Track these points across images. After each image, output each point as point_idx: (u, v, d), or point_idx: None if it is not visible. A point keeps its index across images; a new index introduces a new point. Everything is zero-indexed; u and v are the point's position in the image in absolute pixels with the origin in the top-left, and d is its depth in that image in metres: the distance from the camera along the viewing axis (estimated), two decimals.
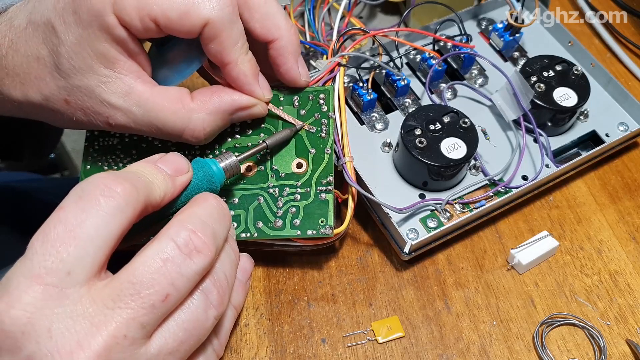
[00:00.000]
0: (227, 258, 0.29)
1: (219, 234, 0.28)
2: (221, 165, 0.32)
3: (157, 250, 0.25)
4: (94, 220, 0.24)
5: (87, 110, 0.32)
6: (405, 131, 0.38)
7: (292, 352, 0.35)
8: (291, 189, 0.35)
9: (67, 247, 0.24)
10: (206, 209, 0.28)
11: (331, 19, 0.46)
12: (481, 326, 0.37)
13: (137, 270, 0.24)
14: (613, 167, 0.44)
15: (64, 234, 0.24)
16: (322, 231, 0.34)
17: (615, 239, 0.41)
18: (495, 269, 0.39)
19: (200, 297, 0.27)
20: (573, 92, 0.41)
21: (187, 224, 0.26)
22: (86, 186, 0.25)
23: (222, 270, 0.28)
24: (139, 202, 0.26)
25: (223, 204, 0.30)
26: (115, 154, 0.38)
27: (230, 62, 0.32)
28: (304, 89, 0.37)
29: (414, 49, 0.45)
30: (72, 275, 0.24)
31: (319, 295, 0.38)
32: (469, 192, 0.39)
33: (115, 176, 0.26)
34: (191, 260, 0.26)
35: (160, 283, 0.24)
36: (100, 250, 0.24)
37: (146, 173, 0.28)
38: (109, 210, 0.25)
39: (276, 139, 0.35)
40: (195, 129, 0.32)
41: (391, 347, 0.36)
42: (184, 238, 0.26)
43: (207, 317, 0.27)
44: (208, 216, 0.28)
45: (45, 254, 0.23)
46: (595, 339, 0.36)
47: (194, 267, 0.26)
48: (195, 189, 0.31)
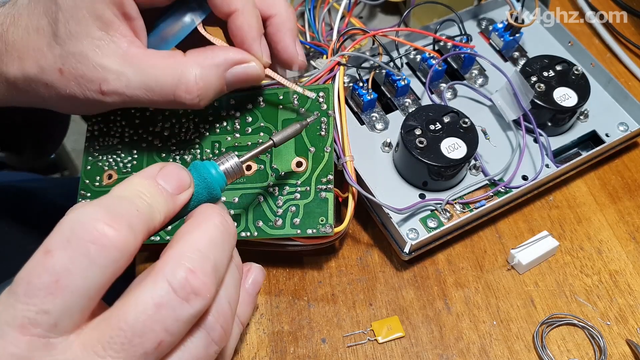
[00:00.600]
0: (231, 280, 0.27)
1: (221, 264, 0.26)
2: (221, 169, 0.29)
3: (150, 294, 0.23)
4: (82, 272, 0.22)
5: (80, 79, 0.31)
6: (405, 131, 0.38)
7: (292, 352, 0.35)
8: (291, 187, 0.35)
9: (53, 298, 0.22)
10: (207, 234, 0.25)
11: (331, 19, 0.46)
12: (481, 326, 0.37)
13: (129, 316, 0.22)
14: (613, 167, 0.44)
15: (49, 283, 0.22)
16: (322, 230, 0.34)
17: (615, 239, 0.41)
18: (495, 269, 0.39)
19: (201, 336, 0.25)
20: (573, 92, 0.41)
21: (185, 261, 0.24)
22: (76, 227, 0.23)
23: (225, 298, 0.26)
24: (135, 247, 0.24)
25: (227, 221, 0.27)
26: (116, 153, 0.38)
27: (237, 9, 0.31)
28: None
29: (414, 49, 0.45)
30: (58, 326, 0.22)
31: (319, 295, 0.38)
32: (469, 192, 0.39)
33: (109, 214, 0.23)
34: (188, 304, 0.23)
35: (153, 330, 0.22)
36: (90, 300, 0.23)
37: (146, 196, 0.25)
38: (100, 262, 0.22)
39: (284, 135, 0.31)
40: (188, 82, 0.31)
41: (391, 347, 0.36)
42: (179, 280, 0.23)
43: (208, 354, 0.25)
44: (209, 245, 0.25)
45: (29, 303, 0.22)
46: (595, 339, 0.36)
47: (191, 311, 0.23)
48: (194, 200, 0.28)
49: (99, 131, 0.39)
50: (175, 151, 0.38)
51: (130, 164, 0.38)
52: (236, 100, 0.38)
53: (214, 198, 0.29)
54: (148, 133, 0.38)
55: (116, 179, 0.38)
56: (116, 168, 0.38)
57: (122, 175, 0.38)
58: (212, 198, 0.29)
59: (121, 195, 0.25)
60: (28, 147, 0.45)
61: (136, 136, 0.39)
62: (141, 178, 0.26)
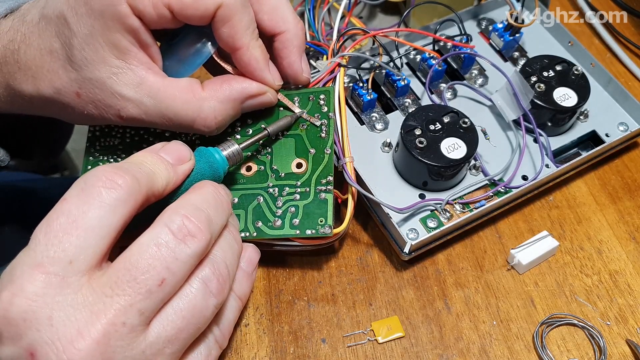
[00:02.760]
0: (227, 246, 0.29)
1: (214, 219, 0.28)
2: (224, 154, 0.33)
3: (151, 236, 0.26)
4: (96, 211, 0.25)
5: (98, 103, 0.32)
6: (405, 131, 0.38)
7: (292, 352, 0.35)
8: (291, 188, 0.35)
9: (70, 237, 0.24)
10: (201, 195, 0.28)
11: (331, 19, 0.46)
12: (481, 326, 0.37)
13: (132, 257, 0.25)
14: (613, 167, 0.44)
15: (66, 224, 0.24)
16: (321, 231, 0.34)
17: (615, 239, 0.41)
18: (495, 269, 0.39)
19: (198, 284, 0.27)
20: (573, 92, 0.41)
21: (181, 209, 0.27)
22: (89, 178, 0.26)
23: (222, 258, 0.28)
24: (140, 193, 0.26)
25: (221, 191, 0.30)
26: (117, 154, 0.38)
27: (242, 46, 0.32)
28: (305, 87, 0.37)
29: (414, 49, 0.45)
30: (74, 264, 0.24)
31: (319, 295, 0.38)
32: (469, 192, 0.39)
33: (117, 168, 0.26)
34: (185, 244, 0.26)
35: (155, 268, 0.25)
36: (102, 240, 0.25)
37: (148, 163, 0.28)
38: (111, 202, 0.25)
39: (277, 126, 0.35)
40: (207, 117, 0.32)
41: (391, 347, 0.36)
42: (177, 223, 0.26)
43: (207, 305, 0.27)
44: (202, 202, 0.28)
45: (48, 244, 0.24)
46: (595, 339, 0.36)
47: (188, 251, 0.26)
48: (198, 178, 0.31)
49: (100, 131, 0.39)
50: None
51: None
52: None
53: (217, 178, 0.32)
54: (149, 134, 0.38)
55: None
56: None
57: None
58: (215, 178, 0.32)
59: (127, 161, 0.29)
60: (37, 152, 0.45)
61: (137, 137, 0.39)
62: (144, 152, 0.30)
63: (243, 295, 0.32)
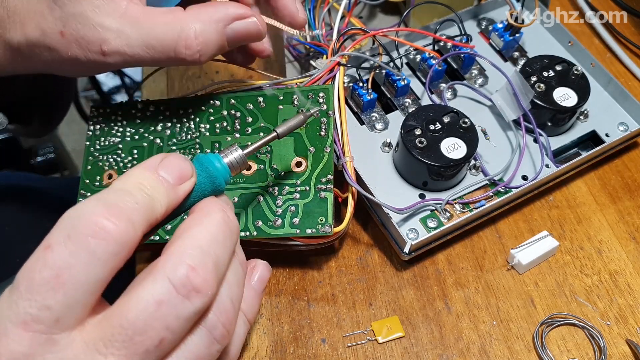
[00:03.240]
0: (233, 277, 0.27)
1: (222, 260, 0.25)
2: (225, 161, 0.28)
3: (151, 291, 0.23)
4: (83, 266, 0.22)
5: (81, 40, 0.31)
6: (405, 131, 0.38)
7: (292, 352, 0.35)
8: (290, 187, 0.35)
9: (55, 294, 0.22)
10: (209, 230, 0.25)
11: (331, 19, 0.46)
12: (481, 326, 0.37)
13: (129, 314, 0.22)
14: (613, 167, 0.44)
15: (50, 278, 0.22)
16: (321, 230, 0.34)
17: (615, 239, 0.41)
18: (495, 269, 0.39)
19: (202, 334, 0.25)
20: (573, 92, 0.41)
21: (186, 258, 0.24)
22: (76, 222, 0.23)
23: (227, 295, 0.26)
24: (136, 237, 0.23)
25: (229, 217, 0.27)
26: (116, 153, 0.38)
27: None
28: (303, 86, 0.37)
29: (414, 49, 0.45)
30: (60, 322, 0.22)
31: (319, 295, 0.38)
32: (469, 192, 0.39)
33: (109, 207, 0.23)
34: (189, 301, 0.23)
35: (154, 328, 0.22)
36: (91, 295, 0.23)
37: (147, 187, 0.25)
38: (101, 255, 0.22)
39: (288, 127, 0.31)
40: (187, 38, 0.31)
41: (391, 347, 0.36)
42: (180, 277, 0.23)
43: (210, 353, 0.25)
44: (211, 241, 0.25)
45: (31, 299, 0.22)
46: (595, 339, 0.36)
47: (192, 309, 0.23)
48: (198, 194, 0.28)
49: (100, 131, 0.39)
50: (175, 151, 0.38)
51: (131, 163, 0.38)
52: (236, 100, 0.38)
53: (218, 190, 0.28)
54: (149, 133, 0.38)
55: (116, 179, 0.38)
56: (116, 168, 0.38)
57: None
58: (216, 190, 0.28)
59: (121, 188, 0.25)
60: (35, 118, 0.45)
61: (137, 136, 0.39)
62: (142, 169, 0.26)
63: (252, 317, 0.30)
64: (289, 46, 0.46)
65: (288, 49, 0.46)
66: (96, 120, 0.40)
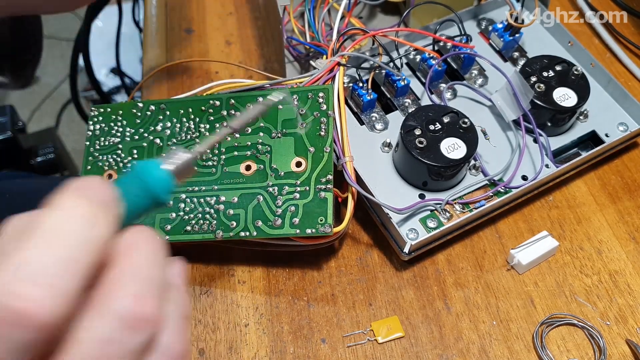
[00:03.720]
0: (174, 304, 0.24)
1: (162, 281, 0.23)
2: (166, 168, 0.23)
3: (97, 332, 0.20)
4: None
5: None
6: (405, 131, 0.38)
7: (292, 352, 0.35)
8: (290, 187, 0.35)
9: None
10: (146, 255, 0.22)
11: (331, 19, 0.46)
12: (481, 326, 0.37)
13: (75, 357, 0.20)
14: (613, 167, 0.44)
15: None
16: (321, 230, 0.34)
17: (615, 239, 0.41)
18: (495, 269, 0.39)
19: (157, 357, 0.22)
20: (573, 92, 0.41)
21: (130, 288, 0.21)
22: None
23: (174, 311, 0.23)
24: None
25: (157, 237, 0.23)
26: (116, 153, 0.38)
27: None
28: (303, 88, 0.37)
29: (414, 49, 0.45)
30: None
31: (319, 295, 0.38)
32: (469, 192, 0.39)
33: None
34: (138, 333, 0.21)
35: None
36: None
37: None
38: None
39: (244, 119, 0.27)
40: None
41: (391, 347, 0.36)
42: (128, 310, 0.20)
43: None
44: (151, 265, 0.22)
45: None
46: (595, 339, 0.36)
47: (141, 340, 0.21)
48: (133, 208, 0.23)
49: (100, 131, 0.39)
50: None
51: (130, 163, 0.38)
52: (236, 100, 0.38)
53: (159, 203, 0.23)
54: (149, 133, 0.39)
55: (116, 179, 0.38)
56: (116, 168, 0.38)
57: (122, 175, 0.38)
58: (157, 203, 0.23)
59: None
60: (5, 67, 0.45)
61: (137, 136, 0.39)
62: None
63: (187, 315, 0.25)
64: (289, 46, 0.46)
65: (288, 49, 0.46)
66: (96, 120, 0.40)
